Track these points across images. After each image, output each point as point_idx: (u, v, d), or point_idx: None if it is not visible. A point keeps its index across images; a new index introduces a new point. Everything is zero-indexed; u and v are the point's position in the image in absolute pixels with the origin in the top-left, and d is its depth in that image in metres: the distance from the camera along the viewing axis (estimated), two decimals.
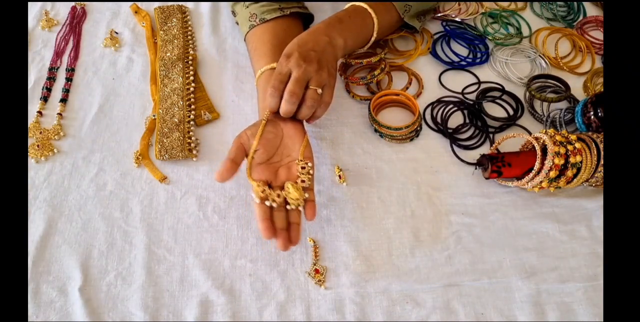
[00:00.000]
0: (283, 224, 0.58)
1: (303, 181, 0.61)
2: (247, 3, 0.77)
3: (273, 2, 0.76)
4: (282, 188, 0.60)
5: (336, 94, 0.79)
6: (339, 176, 0.70)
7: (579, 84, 0.83)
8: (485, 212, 0.68)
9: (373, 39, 0.74)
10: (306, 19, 0.81)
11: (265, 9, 0.75)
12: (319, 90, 0.63)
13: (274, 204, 0.59)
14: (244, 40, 0.78)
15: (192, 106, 0.76)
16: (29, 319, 0.57)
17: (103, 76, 0.81)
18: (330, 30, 0.68)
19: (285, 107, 0.63)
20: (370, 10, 0.72)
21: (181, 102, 0.75)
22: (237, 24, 0.81)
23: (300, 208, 0.60)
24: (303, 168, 0.62)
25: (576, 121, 0.74)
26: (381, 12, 0.74)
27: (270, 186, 0.60)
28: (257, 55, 0.73)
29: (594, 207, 0.69)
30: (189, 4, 0.91)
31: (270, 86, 0.63)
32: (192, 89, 0.77)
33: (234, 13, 0.81)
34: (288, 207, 0.59)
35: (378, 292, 0.61)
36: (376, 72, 0.78)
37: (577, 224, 0.67)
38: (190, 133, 0.73)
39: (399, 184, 0.70)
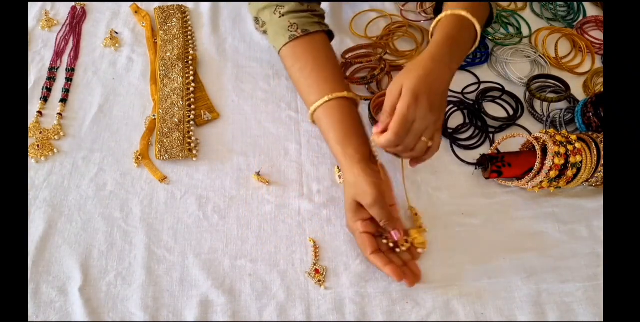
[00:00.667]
0: (400, 262, 0.62)
1: (420, 227, 0.65)
2: (280, 10, 0.72)
3: (304, 10, 0.72)
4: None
5: None
6: (339, 176, 0.70)
7: (579, 84, 0.83)
8: (485, 212, 0.68)
9: (476, 45, 0.69)
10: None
11: (305, 21, 0.71)
12: (430, 143, 0.61)
13: (403, 249, 0.62)
14: (279, 51, 0.73)
15: (192, 106, 0.76)
16: (29, 319, 0.57)
17: (103, 76, 0.81)
18: (452, 58, 0.63)
19: (392, 153, 0.64)
20: (472, 19, 0.66)
21: (181, 102, 0.75)
22: (265, 32, 0.76)
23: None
24: (416, 214, 0.66)
25: (576, 121, 0.74)
26: (478, 12, 0.68)
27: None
28: (310, 80, 0.69)
29: (594, 207, 0.69)
30: (189, 4, 0.91)
31: (394, 132, 0.58)
32: (192, 89, 0.77)
33: (257, 20, 0.76)
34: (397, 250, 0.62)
35: (378, 292, 0.61)
36: (376, 72, 0.78)
37: (577, 224, 0.67)
38: (190, 133, 0.73)
39: (399, 184, 0.70)
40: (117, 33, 0.86)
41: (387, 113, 0.60)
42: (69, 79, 0.80)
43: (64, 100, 0.77)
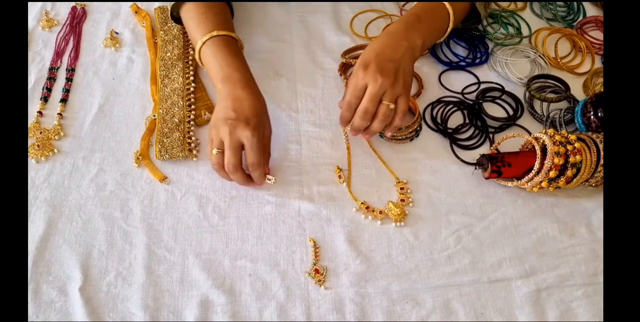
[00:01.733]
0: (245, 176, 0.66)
1: (403, 201, 0.68)
2: None
3: None
4: None
5: (336, 94, 0.79)
6: (339, 176, 0.70)
7: (579, 84, 0.83)
8: (485, 212, 0.68)
9: (448, 32, 0.74)
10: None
11: None
12: (392, 106, 0.65)
13: (372, 219, 0.67)
14: (176, 10, 0.76)
15: (192, 106, 0.76)
16: (29, 319, 0.57)
17: (103, 76, 0.81)
18: (409, 33, 0.68)
19: (358, 124, 0.66)
20: (447, 4, 0.71)
21: (181, 102, 0.75)
22: None
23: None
24: (402, 189, 0.69)
25: (576, 121, 0.74)
26: (456, 1, 0.73)
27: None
28: (202, 21, 0.71)
29: (594, 207, 0.69)
30: None
31: (345, 101, 0.66)
32: (192, 89, 0.78)
33: None
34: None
35: (378, 292, 0.61)
36: None
37: (577, 224, 0.67)
38: (191, 133, 0.73)
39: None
40: (117, 33, 0.86)
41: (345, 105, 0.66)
42: (69, 79, 0.80)
43: (64, 100, 0.77)
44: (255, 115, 0.63)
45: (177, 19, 0.79)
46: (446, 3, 0.72)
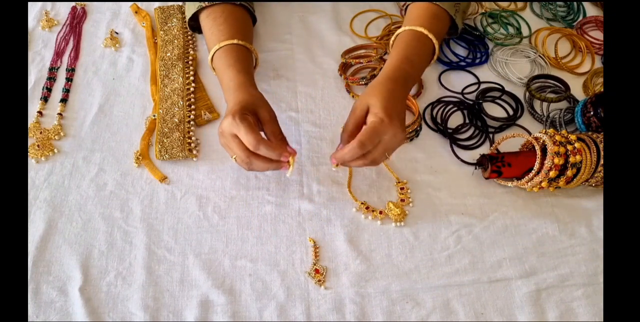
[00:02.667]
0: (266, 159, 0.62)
1: (403, 201, 0.68)
2: None
3: None
4: None
5: (336, 94, 0.79)
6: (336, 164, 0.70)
7: (579, 84, 0.83)
8: (485, 212, 0.68)
9: (434, 60, 0.73)
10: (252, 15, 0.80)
11: None
12: (390, 159, 0.64)
13: (372, 219, 0.67)
14: (194, 19, 0.78)
15: (192, 106, 0.76)
16: (29, 319, 0.57)
17: (103, 76, 0.81)
18: (408, 78, 0.66)
19: (354, 164, 0.62)
20: (430, 35, 0.69)
21: (181, 102, 0.75)
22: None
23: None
24: (402, 189, 0.69)
25: (576, 121, 0.74)
26: (437, 27, 0.71)
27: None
28: (216, 30, 0.72)
29: (594, 207, 0.69)
30: None
31: (360, 141, 0.59)
32: (192, 89, 0.78)
33: None
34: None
35: (378, 292, 0.61)
36: (376, 72, 0.78)
37: (577, 224, 0.67)
38: (191, 133, 0.73)
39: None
40: (117, 33, 0.86)
41: (348, 131, 0.62)
42: (69, 79, 0.80)
43: (64, 100, 0.77)
44: (237, 104, 0.62)
45: (196, 29, 0.82)
46: (432, 37, 0.69)
